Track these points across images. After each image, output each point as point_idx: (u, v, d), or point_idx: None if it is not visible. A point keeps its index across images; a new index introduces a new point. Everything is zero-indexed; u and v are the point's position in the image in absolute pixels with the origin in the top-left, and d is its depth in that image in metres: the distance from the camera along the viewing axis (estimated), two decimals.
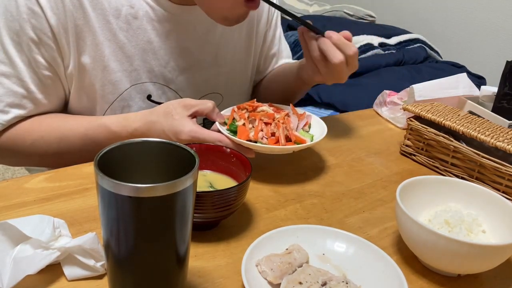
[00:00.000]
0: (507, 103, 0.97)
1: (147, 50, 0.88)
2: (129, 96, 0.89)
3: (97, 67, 0.85)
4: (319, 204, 0.76)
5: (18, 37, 0.80)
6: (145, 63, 0.88)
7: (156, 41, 0.88)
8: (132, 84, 0.88)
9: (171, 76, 0.92)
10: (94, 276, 0.56)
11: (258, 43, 1.07)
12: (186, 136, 0.75)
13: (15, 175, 2.38)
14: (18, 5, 0.78)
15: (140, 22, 0.86)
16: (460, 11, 2.37)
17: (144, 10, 0.85)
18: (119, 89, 0.88)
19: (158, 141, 0.49)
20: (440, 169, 0.89)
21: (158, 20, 0.87)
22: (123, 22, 0.84)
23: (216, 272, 0.59)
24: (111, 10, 0.83)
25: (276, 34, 1.12)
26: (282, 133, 0.79)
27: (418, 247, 0.62)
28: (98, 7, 0.82)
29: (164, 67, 0.90)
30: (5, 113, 0.83)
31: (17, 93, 0.82)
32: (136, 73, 0.88)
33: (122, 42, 0.85)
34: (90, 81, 0.86)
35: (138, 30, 0.86)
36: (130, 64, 0.87)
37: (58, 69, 0.84)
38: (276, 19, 1.10)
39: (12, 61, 0.81)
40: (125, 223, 0.44)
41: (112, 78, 0.86)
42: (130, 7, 0.84)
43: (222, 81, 1.00)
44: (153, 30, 0.87)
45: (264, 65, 1.13)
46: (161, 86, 0.91)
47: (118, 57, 0.86)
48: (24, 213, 0.66)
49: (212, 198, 0.61)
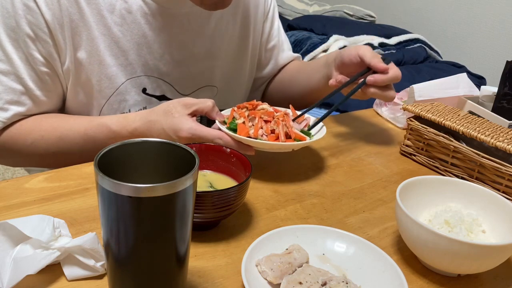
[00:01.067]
0: (507, 103, 0.97)
1: (141, 44, 0.88)
2: (125, 90, 0.89)
3: (93, 62, 0.85)
4: (319, 204, 0.76)
5: (14, 33, 0.80)
6: (140, 57, 0.89)
7: (150, 35, 0.88)
8: (127, 78, 0.89)
9: (166, 69, 0.92)
10: (94, 276, 0.56)
11: (257, 36, 1.07)
12: (186, 134, 0.75)
13: (15, 175, 2.38)
14: (13, 2, 0.79)
15: (134, 16, 0.86)
16: (460, 11, 2.37)
17: (138, 4, 0.86)
18: (115, 83, 0.88)
19: (158, 141, 0.49)
20: (440, 169, 0.89)
21: (151, 14, 0.87)
22: (117, 17, 0.85)
23: (216, 272, 0.59)
24: (105, 5, 0.84)
25: (274, 26, 1.12)
26: (281, 129, 0.79)
27: (418, 247, 0.61)
28: (92, 2, 0.83)
29: (159, 61, 0.91)
30: (5, 111, 0.83)
31: (15, 90, 0.83)
32: (131, 67, 0.89)
33: (117, 36, 0.86)
34: (86, 76, 0.86)
35: (132, 24, 0.86)
36: (125, 58, 0.88)
37: (55, 65, 0.84)
38: (272, 11, 1.10)
39: (10, 58, 0.81)
40: (125, 223, 0.44)
41: (108, 72, 0.87)
42: (124, 2, 0.85)
43: (217, 73, 1.00)
44: (146, 24, 0.88)
45: (265, 58, 1.12)
46: (156, 79, 0.92)
47: (114, 51, 0.86)
48: (24, 213, 0.66)
49: (212, 198, 0.61)
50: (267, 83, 1.17)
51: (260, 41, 1.09)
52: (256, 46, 1.08)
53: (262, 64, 1.13)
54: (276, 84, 1.16)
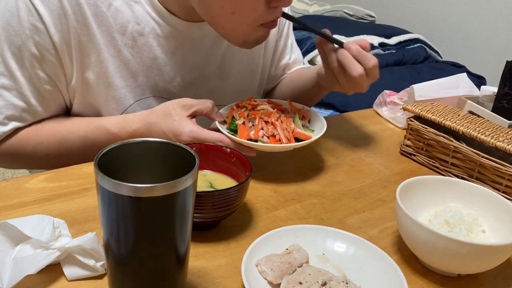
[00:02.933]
0: (507, 103, 0.97)
1: (152, 67, 0.86)
2: (132, 111, 0.87)
3: (100, 83, 0.83)
4: (319, 204, 0.76)
5: (20, 52, 0.78)
6: (150, 79, 0.87)
7: (162, 57, 0.86)
8: (136, 100, 0.87)
9: (175, 91, 0.90)
10: (94, 276, 0.56)
11: (268, 53, 1.05)
12: (187, 137, 0.75)
13: (15, 175, 2.38)
14: (21, 20, 0.77)
15: (146, 38, 0.84)
16: (460, 11, 2.37)
17: (151, 26, 0.84)
18: (123, 105, 0.86)
19: (158, 141, 0.49)
20: (440, 169, 0.89)
21: (164, 37, 0.85)
22: (128, 39, 0.83)
23: (216, 272, 0.59)
24: (116, 27, 0.81)
25: (288, 43, 1.10)
26: (281, 131, 0.79)
27: (418, 247, 0.62)
28: (103, 23, 0.80)
29: (169, 83, 0.89)
30: (4, 125, 0.82)
31: (17, 106, 0.81)
32: (140, 89, 0.87)
33: (127, 58, 0.84)
34: (94, 97, 0.85)
35: (143, 46, 0.84)
36: (134, 80, 0.86)
37: (60, 83, 0.83)
38: (287, 28, 1.08)
39: (13, 75, 0.80)
40: (125, 223, 0.44)
41: (116, 94, 0.85)
42: (136, 24, 0.83)
43: (227, 92, 0.98)
44: (159, 47, 0.86)
45: (275, 74, 1.11)
46: (164, 100, 0.89)
47: (122, 73, 0.84)
48: (24, 213, 0.66)
49: (212, 198, 0.61)
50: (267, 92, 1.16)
51: (272, 58, 1.07)
52: (267, 63, 1.06)
53: (271, 80, 1.11)
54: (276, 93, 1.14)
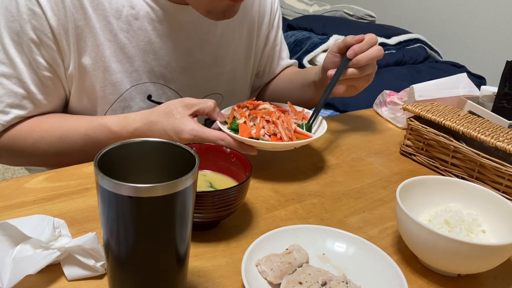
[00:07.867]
0: (507, 103, 0.97)
1: (147, 51, 0.87)
2: (129, 97, 0.89)
3: (97, 68, 0.85)
4: (319, 204, 0.76)
5: (18, 37, 0.80)
6: (146, 63, 0.88)
7: (157, 41, 0.88)
8: (132, 85, 0.88)
9: (171, 77, 0.92)
10: (94, 276, 0.56)
11: (260, 44, 1.07)
12: (188, 136, 0.75)
13: (15, 175, 2.38)
14: (18, 6, 0.78)
15: (141, 22, 0.85)
16: (460, 11, 2.37)
17: (145, 10, 0.85)
18: (119, 90, 0.87)
19: (158, 141, 0.49)
20: (440, 169, 0.89)
21: (158, 21, 0.87)
22: (123, 23, 0.84)
23: (216, 272, 0.59)
24: (111, 11, 0.83)
25: (278, 35, 1.12)
26: (282, 130, 0.79)
27: (418, 247, 0.62)
28: (98, 7, 0.82)
29: (165, 68, 0.90)
30: (6, 114, 0.83)
31: (17, 93, 0.82)
32: (136, 74, 0.88)
33: (123, 43, 0.85)
34: (90, 82, 0.86)
35: (139, 31, 0.86)
36: (130, 65, 0.87)
37: (58, 70, 0.84)
38: (278, 19, 1.10)
39: (13, 62, 0.81)
40: (125, 223, 0.44)
41: (113, 79, 0.86)
42: (131, 8, 0.84)
43: (222, 81, 1.00)
44: (153, 31, 0.87)
45: (264, 66, 1.13)
46: (161, 86, 0.91)
47: (119, 57, 0.85)
48: (24, 213, 0.66)
49: (212, 198, 0.61)
50: (260, 89, 1.17)
51: (263, 49, 1.09)
52: (258, 54, 1.08)
53: (262, 71, 1.13)
54: (270, 91, 1.15)
